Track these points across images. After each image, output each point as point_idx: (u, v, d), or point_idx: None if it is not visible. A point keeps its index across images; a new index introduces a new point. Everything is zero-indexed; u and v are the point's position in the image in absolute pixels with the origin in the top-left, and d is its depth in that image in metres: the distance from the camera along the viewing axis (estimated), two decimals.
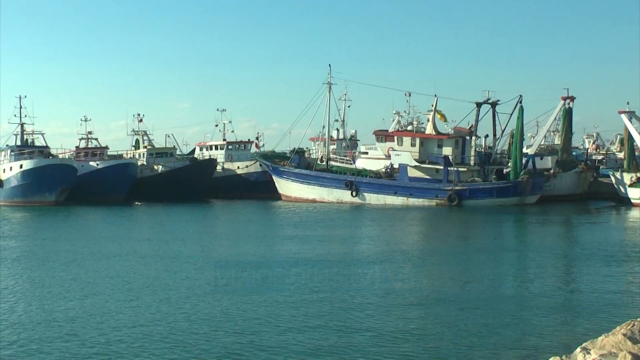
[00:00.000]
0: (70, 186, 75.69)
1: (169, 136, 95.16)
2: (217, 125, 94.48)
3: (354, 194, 74.46)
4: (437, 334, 19.81)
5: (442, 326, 20.74)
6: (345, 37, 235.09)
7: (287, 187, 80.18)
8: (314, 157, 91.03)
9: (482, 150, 75.54)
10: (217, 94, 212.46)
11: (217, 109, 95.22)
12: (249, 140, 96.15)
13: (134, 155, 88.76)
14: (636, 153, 72.76)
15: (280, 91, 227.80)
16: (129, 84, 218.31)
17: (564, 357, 11.87)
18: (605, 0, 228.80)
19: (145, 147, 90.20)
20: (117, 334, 20.19)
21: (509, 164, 73.65)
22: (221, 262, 33.41)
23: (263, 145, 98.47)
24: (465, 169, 71.33)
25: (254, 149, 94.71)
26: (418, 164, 71.51)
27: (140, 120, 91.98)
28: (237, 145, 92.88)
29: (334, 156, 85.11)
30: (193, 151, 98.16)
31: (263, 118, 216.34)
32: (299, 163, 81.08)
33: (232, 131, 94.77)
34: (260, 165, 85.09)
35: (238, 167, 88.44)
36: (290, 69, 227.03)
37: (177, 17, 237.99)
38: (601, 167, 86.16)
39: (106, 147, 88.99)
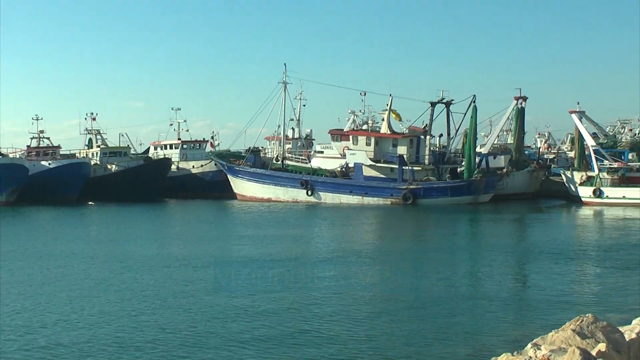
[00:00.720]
0: (21, 186, 74.40)
1: (122, 135, 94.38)
2: (171, 125, 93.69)
3: (309, 193, 74.47)
4: (390, 333, 19.87)
5: (395, 325, 20.80)
6: (300, 36, 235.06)
7: (243, 187, 79.86)
8: (270, 156, 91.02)
9: (437, 149, 76.05)
10: (172, 93, 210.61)
11: (172, 108, 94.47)
12: (204, 139, 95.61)
13: (87, 154, 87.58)
14: (586, 152, 73.95)
15: (235, 90, 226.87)
16: (81, 82, 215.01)
17: (515, 353, 12.04)
18: (556, 2, 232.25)
19: (98, 146, 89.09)
20: (57, 337, 19.82)
21: (463, 163, 74.32)
22: (172, 263, 33.09)
23: (218, 144, 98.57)
24: (420, 168, 71.84)
25: (209, 148, 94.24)
26: (373, 163, 71.80)
27: (94, 119, 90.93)
28: (192, 145, 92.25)
29: (290, 155, 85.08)
30: (147, 150, 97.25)
31: (218, 117, 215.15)
32: (255, 162, 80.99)
33: (187, 130, 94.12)
34: (215, 164, 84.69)
35: (193, 167, 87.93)
36: (246, 68, 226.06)
37: (129, 15, 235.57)
38: (552, 166, 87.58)
39: (58, 147, 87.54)
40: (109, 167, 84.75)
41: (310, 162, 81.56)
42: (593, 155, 69.89)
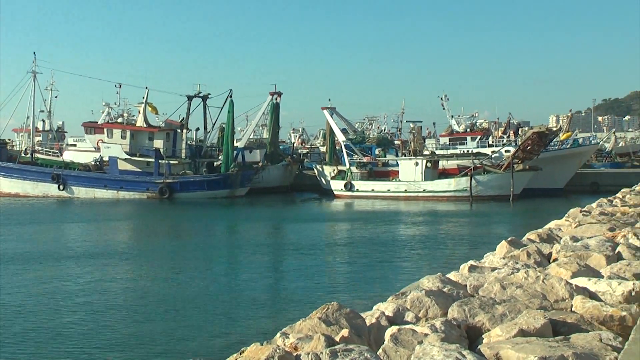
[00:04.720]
0: None
1: None
2: None
3: (61, 187, 71.70)
4: (141, 333, 19.28)
5: (146, 324, 20.24)
6: (51, 25, 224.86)
7: None
8: (18, 149, 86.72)
9: (193, 143, 76.22)
10: None
11: None
12: None
13: None
14: (337, 147, 77.33)
15: None
16: None
17: (264, 342, 12.29)
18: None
19: None
20: None
21: (220, 157, 75.00)
22: None
23: None
24: (177, 162, 71.59)
25: None
26: (129, 157, 70.53)
27: None
28: None
29: (40, 148, 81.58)
30: None
31: None
32: (0, 155, 76.58)
33: None
34: None
35: None
36: None
37: None
38: (306, 160, 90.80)
39: None
40: None
41: (62, 155, 78.67)
42: (344, 150, 73.21)
